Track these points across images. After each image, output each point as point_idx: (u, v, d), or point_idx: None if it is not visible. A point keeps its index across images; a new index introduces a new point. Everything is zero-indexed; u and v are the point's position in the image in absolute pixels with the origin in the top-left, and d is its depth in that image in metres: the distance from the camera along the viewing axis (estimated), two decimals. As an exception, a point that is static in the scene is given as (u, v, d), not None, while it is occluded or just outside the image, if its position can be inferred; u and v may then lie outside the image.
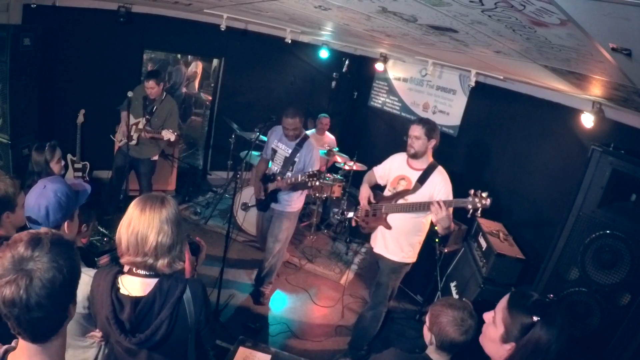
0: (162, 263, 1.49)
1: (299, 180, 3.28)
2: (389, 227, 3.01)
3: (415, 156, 2.90)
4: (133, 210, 1.49)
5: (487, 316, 1.47)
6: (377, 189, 3.20)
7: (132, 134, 4.24)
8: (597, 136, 3.22)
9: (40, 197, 1.60)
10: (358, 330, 3.35)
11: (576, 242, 2.59)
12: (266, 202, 3.62)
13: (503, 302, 1.42)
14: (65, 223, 1.67)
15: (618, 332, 2.41)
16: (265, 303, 3.88)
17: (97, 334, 1.63)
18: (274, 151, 3.62)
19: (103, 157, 5.29)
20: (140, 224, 1.46)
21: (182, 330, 1.52)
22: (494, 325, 1.41)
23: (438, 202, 2.62)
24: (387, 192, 3.08)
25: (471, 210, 2.59)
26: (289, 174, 3.49)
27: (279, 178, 3.46)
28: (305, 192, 3.68)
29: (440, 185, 2.84)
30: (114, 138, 4.70)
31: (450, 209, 2.71)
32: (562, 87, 3.17)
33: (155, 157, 4.69)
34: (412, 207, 2.85)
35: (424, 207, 2.77)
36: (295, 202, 3.62)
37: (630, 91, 2.17)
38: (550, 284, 2.70)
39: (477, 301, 3.23)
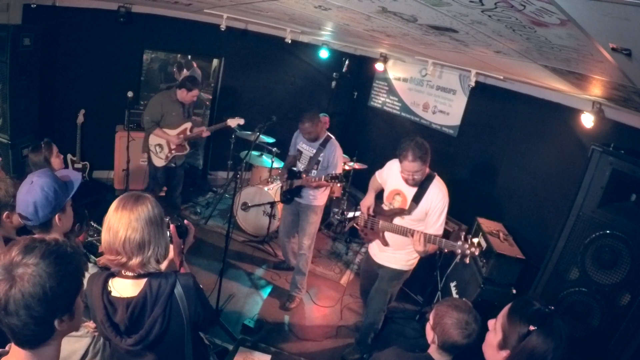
0: (134, 262, 1.47)
1: (322, 180, 3.52)
2: (386, 243, 2.94)
3: (415, 185, 2.77)
4: (110, 208, 1.50)
5: (491, 323, 1.46)
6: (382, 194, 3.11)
7: (184, 143, 4.44)
8: (597, 136, 3.22)
9: (27, 194, 1.59)
10: (361, 334, 3.36)
11: (576, 242, 2.59)
12: (290, 196, 3.82)
13: (505, 309, 1.41)
14: (57, 216, 1.66)
15: (618, 332, 2.41)
16: (291, 309, 3.86)
17: (91, 324, 1.63)
18: (300, 152, 3.82)
19: (103, 157, 5.30)
20: (113, 221, 1.47)
21: (177, 326, 1.53)
22: (494, 332, 1.41)
23: (421, 237, 2.53)
24: (384, 206, 2.99)
25: (460, 256, 2.50)
26: (314, 172, 3.72)
27: (304, 175, 3.69)
28: (329, 188, 3.87)
29: (435, 202, 2.72)
30: (161, 157, 4.38)
31: (431, 246, 2.59)
32: (562, 87, 3.16)
33: None
34: (407, 232, 2.74)
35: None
36: (320, 196, 3.77)
37: (630, 91, 2.17)
38: (550, 284, 2.71)
39: (477, 301, 3.23)
